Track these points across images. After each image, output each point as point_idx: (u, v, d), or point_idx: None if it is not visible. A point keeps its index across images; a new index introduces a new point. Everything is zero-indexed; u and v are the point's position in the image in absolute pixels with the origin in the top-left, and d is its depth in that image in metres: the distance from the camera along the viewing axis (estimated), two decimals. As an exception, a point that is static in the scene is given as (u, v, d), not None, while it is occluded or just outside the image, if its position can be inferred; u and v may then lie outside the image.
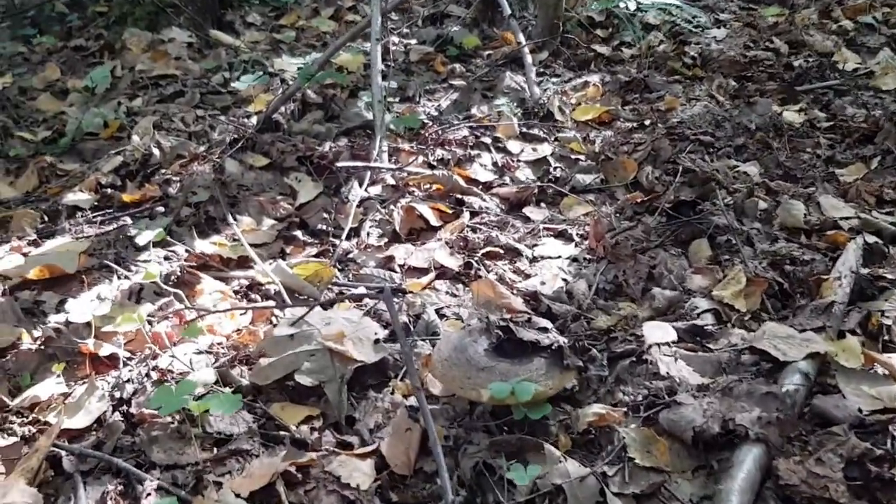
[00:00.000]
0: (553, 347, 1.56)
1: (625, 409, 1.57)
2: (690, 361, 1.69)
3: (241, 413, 1.57)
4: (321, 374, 1.65)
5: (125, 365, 1.74)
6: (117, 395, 1.65)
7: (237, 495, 1.34)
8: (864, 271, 1.92)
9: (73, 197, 2.55)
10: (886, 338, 1.72)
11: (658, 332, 1.75)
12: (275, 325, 1.81)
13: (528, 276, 2.12)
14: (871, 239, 2.06)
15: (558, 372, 1.53)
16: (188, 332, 1.69)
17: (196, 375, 1.64)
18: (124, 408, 1.63)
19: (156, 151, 2.77)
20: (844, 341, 1.67)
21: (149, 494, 1.38)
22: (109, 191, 2.59)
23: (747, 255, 2.06)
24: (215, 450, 1.50)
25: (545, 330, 1.64)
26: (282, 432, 1.54)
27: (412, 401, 1.62)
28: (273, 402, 1.64)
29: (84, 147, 3.05)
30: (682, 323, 1.83)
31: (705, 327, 1.81)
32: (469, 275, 2.12)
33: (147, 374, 1.70)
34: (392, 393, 1.66)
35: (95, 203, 2.54)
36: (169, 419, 1.55)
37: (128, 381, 1.68)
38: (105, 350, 1.77)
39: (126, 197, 2.53)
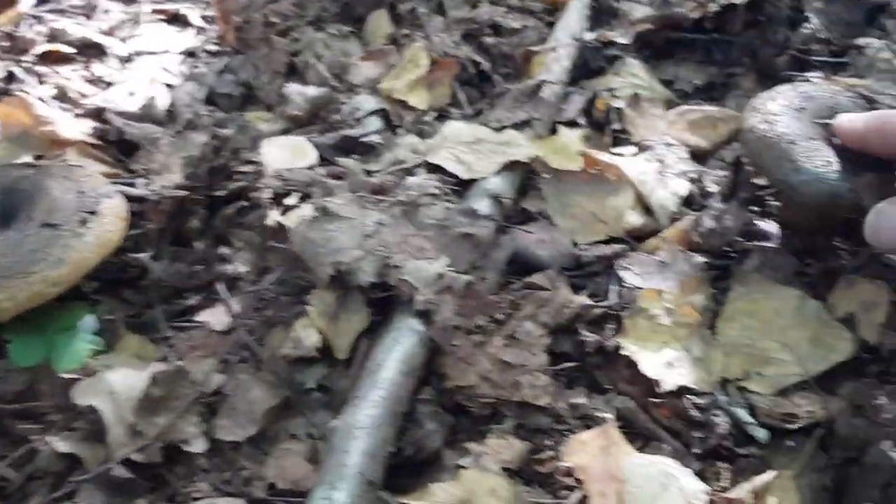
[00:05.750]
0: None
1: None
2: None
3: None
4: None
5: None
6: None
7: None
8: (590, 36, 1.34)
9: None
10: (617, 126, 1.17)
11: (278, 154, 1.09)
12: None
13: (109, 85, 1.35)
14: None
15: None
16: None
17: None
18: None
19: None
20: (557, 138, 1.12)
21: None
22: None
23: (435, 28, 1.41)
24: None
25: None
26: None
27: None
28: None
29: None
30: (328, 136, 1.18)
31: (365, 138, 1.18)
32: (10, 91, 1.32)
33: None
34: None
35: None
36: None
37: None
38: None
39: None
